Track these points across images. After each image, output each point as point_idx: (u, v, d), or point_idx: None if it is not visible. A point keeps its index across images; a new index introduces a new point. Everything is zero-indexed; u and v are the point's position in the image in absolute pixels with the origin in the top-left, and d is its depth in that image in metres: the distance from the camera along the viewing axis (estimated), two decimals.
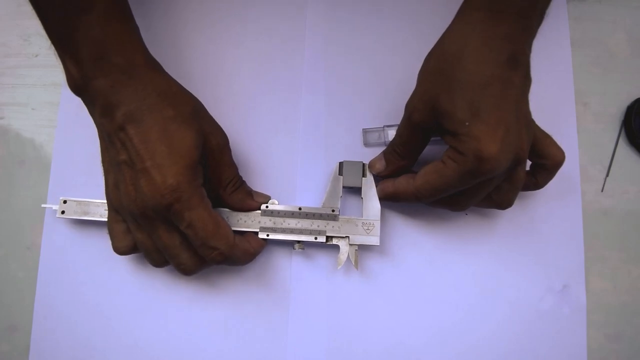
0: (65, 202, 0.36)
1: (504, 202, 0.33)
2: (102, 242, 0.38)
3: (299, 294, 0.37)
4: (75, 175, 0.39)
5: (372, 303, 0.37)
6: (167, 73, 0.32)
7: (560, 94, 0.40)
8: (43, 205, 0.37)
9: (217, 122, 0.34)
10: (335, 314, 0.37)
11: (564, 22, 0.42)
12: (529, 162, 0.34)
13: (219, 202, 0.35)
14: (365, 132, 0.38)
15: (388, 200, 0.35)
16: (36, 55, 0.42)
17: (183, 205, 0.29)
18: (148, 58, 0.32)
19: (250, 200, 0.35)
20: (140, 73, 0.30)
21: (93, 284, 0.37)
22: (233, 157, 0.35)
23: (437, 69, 0.30)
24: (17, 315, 0.38)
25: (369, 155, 0.37)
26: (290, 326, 0.37)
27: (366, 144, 0.38)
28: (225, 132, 0.34)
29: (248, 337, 0.37)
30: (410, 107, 0.32)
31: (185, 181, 0.29)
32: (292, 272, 0.38)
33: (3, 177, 0.40)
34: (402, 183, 0.34)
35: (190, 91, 0.33)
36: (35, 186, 0.39)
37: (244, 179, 0.36)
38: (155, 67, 0.32)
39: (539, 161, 0.33)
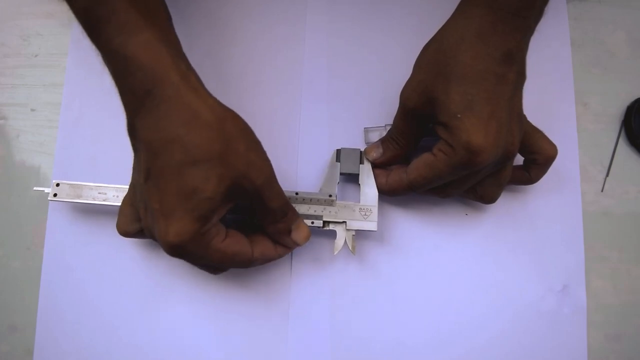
0: (58, 185, 0.36)
1: (487, 197, 0.34)
2: (106, 241, 0.38)
3: (299, 287, 0.37)
4: (78, 176, 0.39)
5: (371, 295, 0.37)
6: (202, 94, 0.27)
7: (560, 93, 0.40)
8: (35, 188, 0.36)
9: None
10: (335, 306, 0.37)
11: (564, 22, 0.42)
12: (521, 158, 0.34)
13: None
14: (366, 130, 0.38)
15: (383, 194, 0.36)
16: (36, 55, 0.42)
17: (189, 255, 0.28)
18: (183, 75, 0.27)
19: (286, 237, 0.32)
20: (164, 94, 0.26)
21: (96, 284, 0.37)
22: None
23: (433, 61, 0.31)
24: (17, 315, 0.38)
25: None
26: (291, 323, 0.37)
27: (368, 142, 0.39)
28: None
29: (250, 334, 0.37)
30: (404, 95, 0.32)
31: (189, 239, 0.27)
32: (292, 264, 0.38)
33: (3, 177, 0.40)
34: (395, 178, 0.34)
35: None
36: (35, 186, 0.39)
37: None
38: (188, 86, 0.27)
39: (530, 156, 0.33)
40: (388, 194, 0.35)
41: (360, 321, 0.37)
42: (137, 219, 0.31)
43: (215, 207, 0.27)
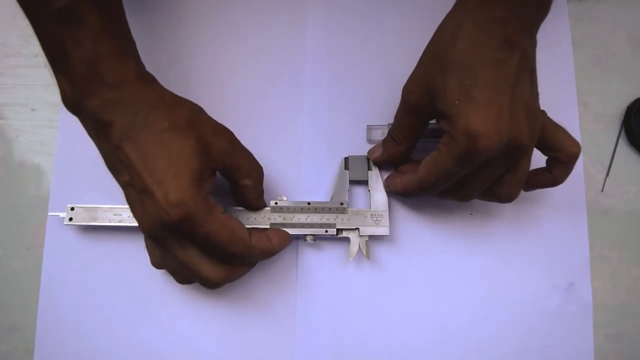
0: (72, 209, 0.36)
1: (504, 195, 0.32)
2: (105, 241, 0.38)
3: (306, 287, 0.37)
4: (79, 176, 0.39)
5: (380, 294, 0.37)
6: (159, 84, 0.31)
7: (562, 94, 0.40)
8: (50, 214, 0.37)
9: (220, 121, 0.33)
10: (343, 307, 0.37)
11: (564, 22, 0.42)
12: (543, 158, 0.33)
13: (239, 195, 0.34)
14: (369, 128, 0.38)
15: (398, 195, 0.36)
16: (36, 55, 0.42)
17: (192, 221, 0.28)
18: (140, 72, 0.31)
19: (263, 199, 0.35)
20: (130, 88, 0.29)
21: (96, 284, 0.37)
22: None
23: (431, 52, 0.31)
24: (17, 315, 0.38)
25: None
26: (298, 321, 0.37)
27: (370, 140, 0.39)
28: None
29: (255, 335, 0.37)
30: (405, 90, 0.32)
31: (189, 195, 0.28)
32: (299, 265, 0.38)
33: (3, 177, 0.40)
34: (408, 179, 0.34)
35: (192, 92, 0.32)
36: (35, 186, 0.39)
37: None
38: (146, 80, 0.31)
39: (552, 154, 0.32)
40: (402, 195, 0.35)
41: (369, 321, 0.37)
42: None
43: (200, 166, 0.29)
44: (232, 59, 0.40)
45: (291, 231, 0.36)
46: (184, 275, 0.32)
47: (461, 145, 0.28)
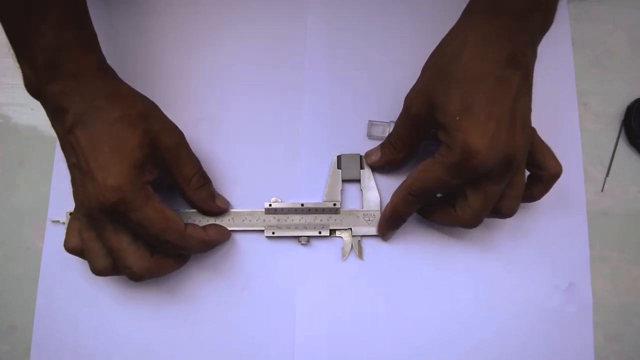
0: (71, 214, 0.36)
1: (506, 210, 0.32)
2: None
3: (304, 288, 0.37)
4: None
5: (377, 294, 0.37)
6: (118, 77, 0.33)
7: (562, 94, 0.40)
8: (51, 219, 0.38)
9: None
10: (339, 307, 0.37)
11: (565, 23, 0.42)
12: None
13: (185, 200, 0.35)
14: (371, 123, 0.38)
15: (393, 224, 0.35)
16: None
17: (128, 206, 0.29)
18: (100, 63, 0.32)
19: (212, 202, 0.36)
20: (89, 77, 0.31)
21: (95, 284, 0.37)
22: (236, 155, 0.35)
23: (435, 64, 0.31)
24: (17, 315, 0.38)
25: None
26: (298, 322, 0.37)
27: (370, 135, 0.39)
28: (228, 130, 0.34)
29: (254, 336, 0.37)
30: (408, 100, 0.33)
31: (127, 181, 0.29)
32: (296, 265, 0.38)
33: (3, 177, 0.40)
34: (396, 195, 0.33)
35: (191, 91, 0.32)
36: (35, 186, 0.39)
37: (248, 177, 0.38)
38: (106, 71, 0.32)
39: (535, 171, 0.33)
40: (393, 216, 0.34)
41: (367, 321, 0.37)
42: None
43: (142, 157, 0.30)
44: (230, 59, 0.40)
45: (286, 234, 0.36)
46: (105, 262, 0.32)
47: (456, 157, 0.29)
